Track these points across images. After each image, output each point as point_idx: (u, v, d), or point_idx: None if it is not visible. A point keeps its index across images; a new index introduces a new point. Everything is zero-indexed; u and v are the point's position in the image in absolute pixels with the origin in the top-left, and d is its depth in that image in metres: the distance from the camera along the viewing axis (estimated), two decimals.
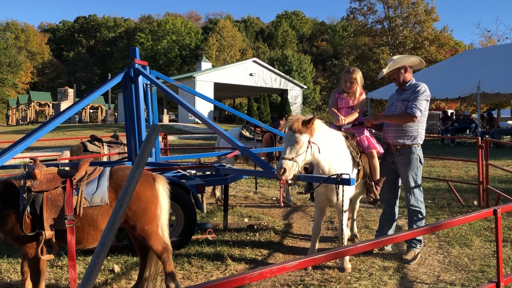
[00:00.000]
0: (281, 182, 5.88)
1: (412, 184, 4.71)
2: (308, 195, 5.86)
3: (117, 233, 4.49)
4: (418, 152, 4.72)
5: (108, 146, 7.86)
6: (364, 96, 5.04)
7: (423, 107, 4.58)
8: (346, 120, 4.79)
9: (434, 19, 35.94)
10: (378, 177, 4.83)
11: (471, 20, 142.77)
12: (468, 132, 19.63)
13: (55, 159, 7.43)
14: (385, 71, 4.80)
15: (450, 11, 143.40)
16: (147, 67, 6.05)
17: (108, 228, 1.44)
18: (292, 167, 3.83)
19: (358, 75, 4.98)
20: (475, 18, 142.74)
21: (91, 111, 56.46)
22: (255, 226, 6.03)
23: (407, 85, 4.78)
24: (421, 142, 4.76)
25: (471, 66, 21.77)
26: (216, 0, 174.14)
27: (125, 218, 3.59)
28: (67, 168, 5.23)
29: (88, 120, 51.63)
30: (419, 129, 4.69)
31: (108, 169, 3.75)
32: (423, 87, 4.69)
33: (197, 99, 31.88)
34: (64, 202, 3.43)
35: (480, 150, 7.10)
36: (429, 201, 7.55)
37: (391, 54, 36.21)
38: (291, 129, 3.92)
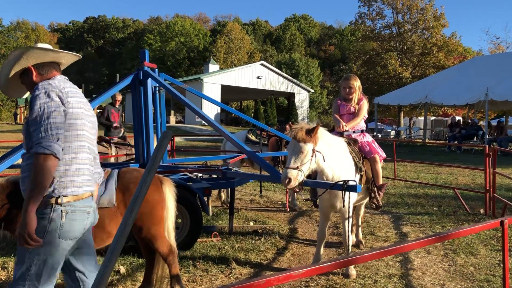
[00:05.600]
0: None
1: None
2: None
3: None
4: (58, 216, 2.42)
5: (115, 147, 7.91)
6: (364, 101, 5.09)
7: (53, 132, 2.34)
8: (347, 126, 4.86)
9: (443, 25, 35.73)
10: (380, 182, 4.87)
11: (480, 27, 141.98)
12: (475, 139, 19.55)
13: None
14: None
15: (459, 18, 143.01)
16: (156, 69, 6.10)
17: (118, 234, 1.46)
18: (297, 176, 3.86)
19: (356, 82, 5.07)
20: (484, 24, 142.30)
21: (98, 111, 56.73)
22: (260, 231, 6.04)
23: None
24: (75, 193, 2.48)
25: (480, 73, 21.70)
26: (225, 2, 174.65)
27: None
28: None
29: None
30: (67, 168, 2.47)
31: (116, 171, 3.78)
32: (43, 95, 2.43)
33: (204, 101, 31.97)
34: None
35: (487, 158, 7.08)
36: (434, 209, 7.53)
37: (399, 60, 36.08)
38: (295, 138, 3.95)
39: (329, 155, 4.19)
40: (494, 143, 17.55)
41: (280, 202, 8.18)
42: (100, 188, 3.60)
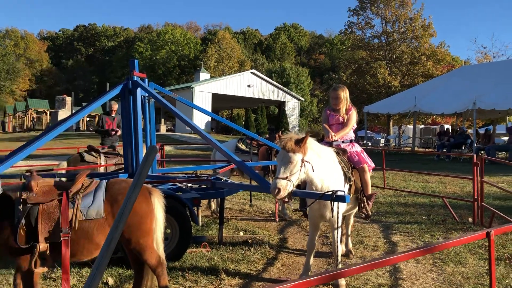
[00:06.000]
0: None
1: None
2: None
3: None
4: None
5: (105, 156, 7.85)
6: (353, 112, 5.13)
7: None
8: (336, 136, 4.90)
9: (431, 34, 36.14)
10: (369, 192, 4.89)
11: (467, 36, 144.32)
12: (464, 148, 19.73)
13: (52, 169, 7.42)
14: None
15: (447, 27, 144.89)
16: (146, 79, 6.09)
17: (104, 250, 1.45)
18: (286, 186, 3.87)
19: (343, 92, 5.12)
20: (472, 34, 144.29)
21: (88, 119, 56.37)
22: (250, 240, 6.02)
23: None
24: None
25: (467, 82, 21.96)
26: (215, 11, 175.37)
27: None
28: (63, 179, 5.23)
29: (84, 129, 51.50)
30: None
31: (104, 182, 3.76)
32: None
33: (195, 109, 31.92)
34: (60, 215, 3.44)
35: (475, 167, 7.14)
36: (424, 217, 7.57)
37: (388, 69, 36.40)
38: (285, 148, 3.96)
39: (318, 165, 4.20)
40: (482, 152, 17.75)
41: (270, 212, 8.17)
42: (88, 199, 3.58)
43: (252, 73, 42.77)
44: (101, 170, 7.64)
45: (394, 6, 36.39)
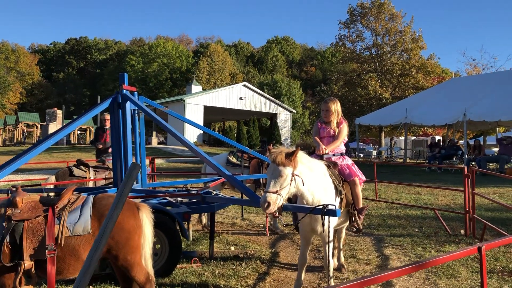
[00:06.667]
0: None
1: None
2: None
3: (99, 262, 4.39)
4: None
5: (94, 171, 7.76)
6: (344, 125, 5.12)
7: None
8: (327, 149, 4.87)
9: (421, 47, 36.50)
10: (361, 205, 4.86)
11: (457, 48, 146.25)
12: (455, 159, 19.82)
13: (40, 184, 7.32)
14: None
15: (437, 39, 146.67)
16: (136, 93, 6.05)
17: (82, 273, 1.39)
18: (276, 200, 3.82)
19: (334, 105, 5.10)
20: (461, 46, 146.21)
21: (79, 132, 56.05)
22: (242, 255, 5.95)
23: None
24: None
25: (457, 94, 22.19)
26: (207, 24, 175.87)
27: (108, 248, 3.52)
28: (51, 194, 5.15)
29: (75, 142, 51.17)
30: None
31: (91, 197, 3.70)
32: None
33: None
34: (46, 232, 3.36)
35: (466, 179, 7.14)
36: (416, 230, 7.54)
37: (379, 81, 36.69)
38: (275, 162, 3.93)
39: (309, 179, 4.16)
40: (473, 163, 17.84)
41: (262, 225, 8.09)
42: (74, 215, 3.51)
43: (244, 85, 42.92)
44: (90, 184, 7.54)
45: (384, 19, 36.81)
